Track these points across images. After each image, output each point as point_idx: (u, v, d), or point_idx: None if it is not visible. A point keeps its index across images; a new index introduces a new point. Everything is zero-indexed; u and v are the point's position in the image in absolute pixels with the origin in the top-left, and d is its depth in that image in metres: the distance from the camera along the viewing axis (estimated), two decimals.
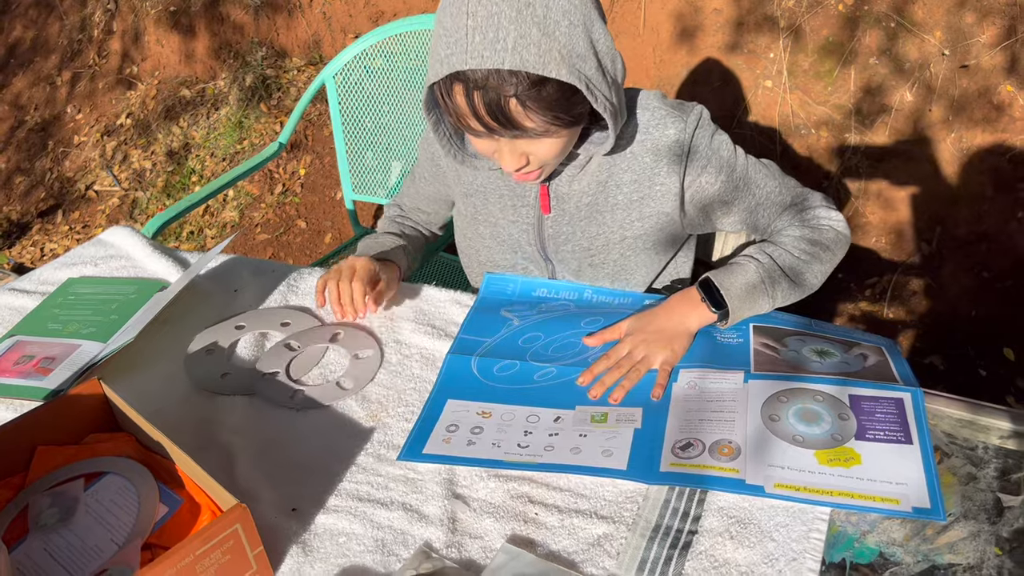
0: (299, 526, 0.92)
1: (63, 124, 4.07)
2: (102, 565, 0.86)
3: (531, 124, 0.97)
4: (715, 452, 0.92)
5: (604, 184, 1.16)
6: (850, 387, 0.98)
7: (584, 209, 1.18)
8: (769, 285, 1.10)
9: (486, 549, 0.86)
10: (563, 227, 1.20)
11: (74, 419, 0.99)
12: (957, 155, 2.23)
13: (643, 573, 0.82)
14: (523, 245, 1.24)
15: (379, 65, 1.97)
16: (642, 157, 1.13)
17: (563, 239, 1.21)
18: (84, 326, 1.26)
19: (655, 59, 2.63)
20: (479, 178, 1.23)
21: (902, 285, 2.25)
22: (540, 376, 1.08)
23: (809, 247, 1.13)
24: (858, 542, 0.84)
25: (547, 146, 1.02)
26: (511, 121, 0.96)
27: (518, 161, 1.03)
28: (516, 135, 0.99)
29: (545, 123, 0.97)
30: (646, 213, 1.16)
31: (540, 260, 1.25)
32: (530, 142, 1.01)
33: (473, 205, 1.25)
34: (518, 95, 0.93)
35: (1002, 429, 0.94)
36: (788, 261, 1.12)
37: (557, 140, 1.02)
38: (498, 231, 1.25)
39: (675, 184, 1.14)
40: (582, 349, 1.11)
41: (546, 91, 0.94)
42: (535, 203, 1.20)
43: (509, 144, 1.01)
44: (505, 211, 1.22)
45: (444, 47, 0.94)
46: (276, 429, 1.06)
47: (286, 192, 3.31)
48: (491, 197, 1.23)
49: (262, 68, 3.62)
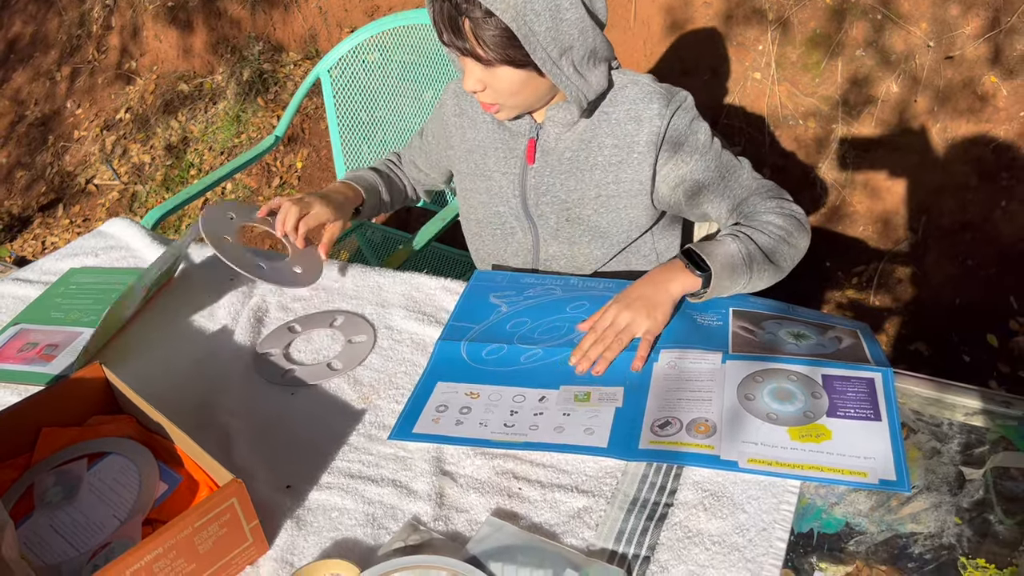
0: (293, 502, 0.96)
1: (63, 119, 4.11)
2: (105, 539, 0.90)
3: (481, 52, 1.08)
4: (692, 430, 0.96)
5: (588, 143, 1.24)
6: (823, 367, 1.02)
7: (565, 163, 1.26)
8: (748, 260, 1.13)
9: (472, 522, 0.90)
10: (544, 178, 1.28)
11: (77, 402, 1.03)
12: (942, 145, 2.26)
13: (620, 543, 0.86)
14: (508, 197, 1.32)
15: (374, 59, 2.00)
16: (625, 124, 1.21)
17: (543, 190, 1.28)
18: (85, 314, 1.29)
19: (645, 52, 2.66)
20: (480, 134, 1.33)
21: (888, 273, 2.29)
22: (526, 358, 1.12)
23: (781, 231, 1.17)
24: (826, 513, 0.88)
25: (501, 79, 1.12)
26: (464, 39, 1.07)
27: (474, 85, 1.14)
28: (472, 57, 1.10)
29: (490, 55, 1.08)
30: (622, 177, 1.24)
31: (522, 214, 1.32)
32: (486, 71, 1.12)
33: (474, 161, 1.35)
34: (471, 18, 1.05)
35: (967, 407, 0.98)
36: (765, 241, 1.15)
37: (511, 78, 1.12)
38: (491, 184, 1.33)
39: (650, 158, 1.21)
40: (568, 331, 1.15)
41: (491, 25, 1.05)
42: (523, 155, 1.29)
43: (470, 65, 1.12)
44: (499, 163, 1.31)
45: None
46: (271, 411, 1.10)
47: (283, 185, 3.35)
48: (489, 151, 1.32)
49: (259, 62, 3.65)
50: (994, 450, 0.92)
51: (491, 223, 1.36)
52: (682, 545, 0.85)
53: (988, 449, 0.93)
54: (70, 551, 0.89)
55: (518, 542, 0.86)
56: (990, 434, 0.94)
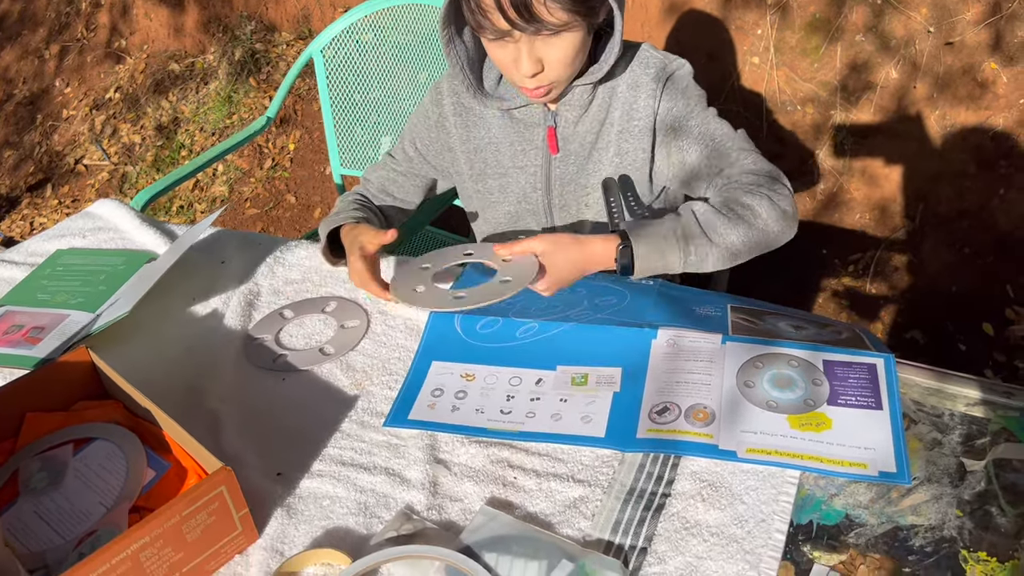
0: (284, 490, 0.94)
1: (52, 98, 4.05)
2: (91, 527, 0.88)
3: (551, 17, 1.02)
4: (690, 417, 0.94)
5: (602, 122, 1.21)
6: (824, 352, 1.01)
7: (587, 148, 1.22)
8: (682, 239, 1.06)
9: (466, 511, 0.89)
10: (569, 167, 1.24)
11: (63, 386, 1.01)
12: (941, 132, 2.25)
13: (617, 534, 0.84)
14: (528, 192, 1.27)
15: (368, 39, 1.97)
16: (626, 93, 1.18)
17: (568, 179, 1.24)
18: (72, 296, 1.27)
19: (644, 35, 2.63)
20: (489, 131, 1.26)
21: (885, 261, 2.28)
22: (522, 332, 1.09)
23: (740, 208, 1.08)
24: (825, 504, 0.87)
25: (561, 48, 1.07)
26: (532, 14, 1.01)
27: (535, 65, 1.07)
28: (536, 29, 1.03)
29: (564, 13, 1.02)
30: (626, 149, 1.20)
31: (541, 210, 1.28)
32: (546, 43, 1.06)
33: (482, 160, 1.28)
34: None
35: (968, 397, 0.97)
36: (709, 219, 1.07)
37: (571, 42, 1.07)
38: (506, 181, 1.27)
39: (651, 108, 1.17)
40: (565, 307, 1.13)
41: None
42: (543, 145, 1.23)
43: (528, 45, 1.06)
44: (515, 157, 1.25)
45: None
46: (262, 397, 1.08)
47: (275, 167, 3.31)
48: (502, 147, 1.26)
49: (251, 42, 3.60)
50: (995, 441, 0.91)
51: (506, 217, 1.31)
52: (679, 536, 0.84)
53: (989, 440, 0.91)
54: (55, 538, 0.87)
55: (513, 532, 0.85)
56: (991, 425, 0.93)
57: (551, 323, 1.10)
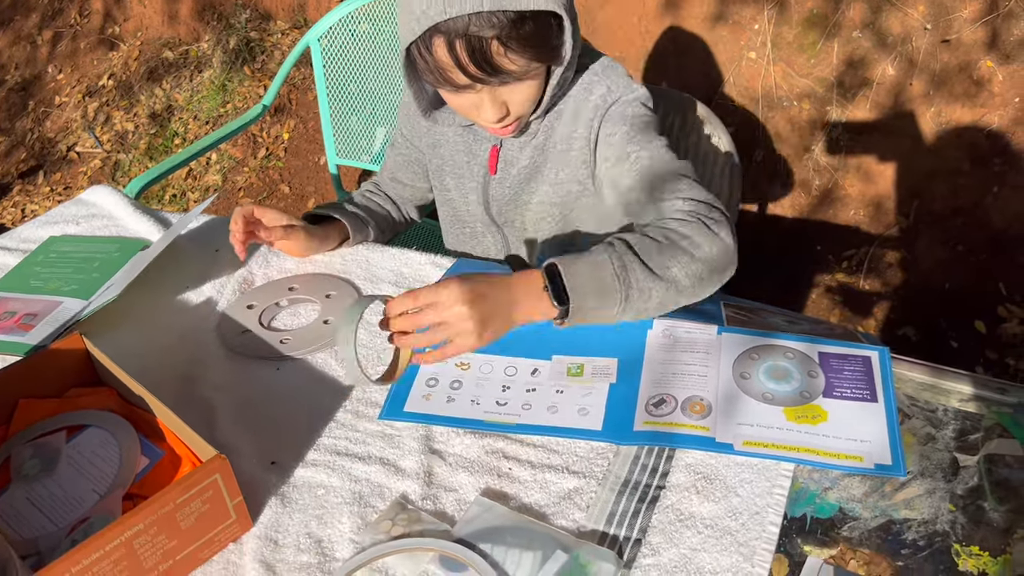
0: (278, 478, 0.94)
1: (44, 84, 4.03)
2: (84, 514, 0.88)
3: (513, 67, 0.99)
4: (687, 409, 0.94)
5: (542, 147, 1.18)
6: (820, 344, 1.01)
7: (524, 171, 1.20)
8: (620, 270, 0.94)
9: (460, 502, 0.89)
10: (506, 189, 1.23)
11: (56, 373, 1.01)
12: (936, 130, 2.25)
13: (611, 525, 0.84)
14: (472, 203, 1.27)
15: (364, 29, 1.96)
16: (568, 120, 1.14)
17: (506, 200, 1.23)
18: (66, 283, 1.26)
19: (640, 29, 2.63)
20: (446, 131, 1.26)
21: (879, 257, 2.29)
22: None
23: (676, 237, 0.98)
24: (819, 498, 0.87)
25: (525, 90, 1.05)
26: (494, 66, 0.98)
27: (499, 111, 1.05)
28: (501, 80, 1.00)
29: (526, 61, 0.99)
30: (568, 178, 1.17)
31: (487, 220, 1.28)
32: (510, 89, 1.03)
33: (440, 156, 1.28)
34: (500, 36, 0.95)
35: (962, 393, 0.97)
36: (646, 246, 0.97)
37: (534, 82, 1.04)
38: (461, 182, 1.28)
39: (587, 137, 1.13)
40: None
41: (525, 28, 0.96)
42: (484, 162, 1.23)
43: (490, 94, 1.03)
44: (460, 165, 1.26)
45: (419, 3, 0.95)
46: (256, 386, 1.07)
47: (269, 156, 3.30)
48: (454, 149, 1.26)
49: (246, 31, 3.58)
50: (988, 437, 0.92)
51: (460, 221, 1.32)
52: (674, 528, 0.84)
53: (982, 436, 0.92)
54: (48, 525, 0.87)
55: (507, 523, 0.85)
56: (985, 420, 0.94)
57: None
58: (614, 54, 2.54)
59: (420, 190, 1.42)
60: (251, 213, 1.22)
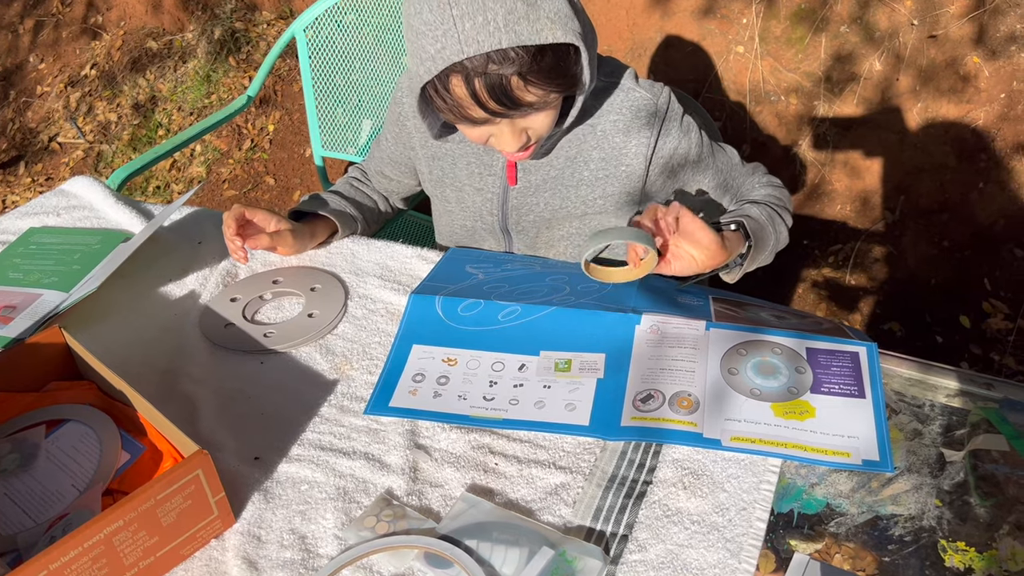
0: (261, 474, 0.93)
1: (25, 73, 3.97)
2: (63, 510, 0.86)
3: (533, 98, 0.97)
4: (674, 405, 0.94)
5: (572, 159, 1.17)
6: (808, 340, 1.01)
7: (550, 182, 1.19)
8: (772, 227, 1.16)
9: (446, 497, 0.88)
10: (527, 198, 1.21)
11: (34, 367, 0.99)
12: (923, 125, 2.26)
13: (598, 521, 0.84)
14: (484, 215, 1.25)
15: (351, 20, 1.94)
16: (613, 137, 1.14)
17: (525, 210, 1.22)
18: (46, 275, 1.24)
19: (628, 22, 2.62)
20: (450, 144, 1.23)
21: (864, 252, 2.29)
22: (505, 315, 1.08)
23: (779, 203, 1.20)
24: (806, 494, 0.87)
25: (544, 118, 1.03)
26: (514, 100, 0.96)
27: (519, 140, 1.04)
28: (522, 113, 0.99)
29: (545, 93, 0.98)
30: (609, 192, 1.18)
31: (498, 231, 1.26)
32: (529, 118, 1.02)
33: (440, 168, 1.25)
34: (520, 72, 0.93)
35: (949, 388, 0.97)
36: (769, 213, 1.17)
37: (553, 110, 1.03)
38: (463, 196, 1.25)
39: (645, 150, 1.15)
40: (548, 292, 1.12)
41: (544, 60, 0.95)
42: (502, 174, 1.20)
43: (509, 125, 1.02)
44: (472, 178, 1.23)
45: (432, 42, 0.92)
46: (239, 380, 1.06)
47: (254, 148, 3.27)
48: (459, 163, 1.23)
49: (231, 21, 3.55)
50: (975, 432, 0.92)
51: (462, 229, 1.30)
52: (660, 524, 0.83)
53: (969, 431, 0.92)
54: (27, 521, 0.85)
55: (493, 519, 0.84)
56: (971, 416, 0.94)
57: (534, 307, 1.08)
58: (602, 48, 2.53)
59: (407, 185, 1.40)
60: (242, 215, 1.20)
